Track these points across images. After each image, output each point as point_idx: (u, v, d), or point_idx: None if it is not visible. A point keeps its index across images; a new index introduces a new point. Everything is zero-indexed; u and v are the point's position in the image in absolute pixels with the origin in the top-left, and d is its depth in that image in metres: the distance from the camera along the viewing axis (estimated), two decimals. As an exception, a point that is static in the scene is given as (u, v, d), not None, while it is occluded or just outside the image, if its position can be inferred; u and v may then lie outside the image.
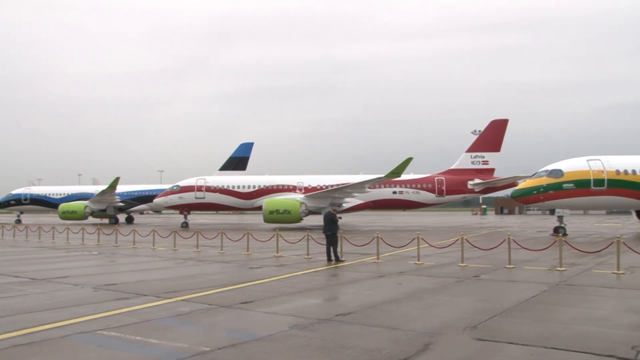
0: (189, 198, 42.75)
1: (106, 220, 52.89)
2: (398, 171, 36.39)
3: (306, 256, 18.11)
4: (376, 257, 17.15)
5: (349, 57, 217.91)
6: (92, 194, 51.82)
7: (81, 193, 54.85)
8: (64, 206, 50.98)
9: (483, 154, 43.48)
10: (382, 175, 37.58)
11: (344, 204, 40.87)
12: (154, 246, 22.85)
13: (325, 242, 17.37)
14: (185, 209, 43.71)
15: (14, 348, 6.73)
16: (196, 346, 6.73)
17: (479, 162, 43.47)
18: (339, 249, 17.42)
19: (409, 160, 35.71)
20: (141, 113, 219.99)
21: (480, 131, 46.15)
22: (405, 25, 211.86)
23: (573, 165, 27.40)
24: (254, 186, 43.06)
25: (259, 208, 41.40)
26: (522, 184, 29.49)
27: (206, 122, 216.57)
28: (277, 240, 19.56)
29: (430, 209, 58.46)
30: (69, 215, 50.23)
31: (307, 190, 41.81)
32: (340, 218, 30.90)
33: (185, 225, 42.32)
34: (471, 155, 43.68)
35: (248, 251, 19.88)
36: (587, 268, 14.79)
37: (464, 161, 43.74)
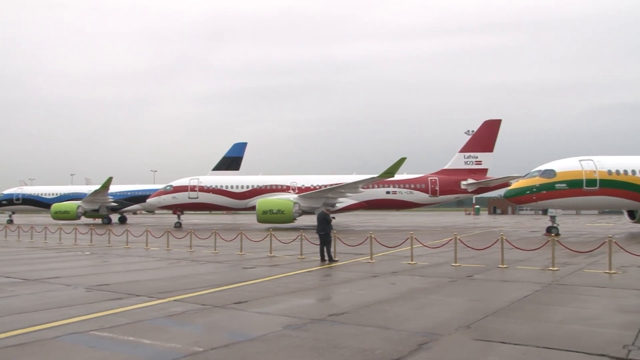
0: (182, 198, 42.63)
1: (99, 221, 52.59)
2: (391, 171, 36.48)
3: (299, 256, 18.10)
4: (369, 257, 17.16)
5: (343, 57, 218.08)
6: (85, 194, 51.58)
7: (74, 193, 54.57)
8: (56, 206, 50.72)
9: (476, 154, 43.62)
10: (376, 175, 37.64)
11: (337, 204, 40.90)
12: (147, 246, 22.78)
13: (318, 242, 17.38)
14: (179, 209, 43.58)
15: (5, 349, 6.69)
16: (189, 346, 6.71)
17: (472, 162, 43.62)
18: (332, 249, 17.43)
19: (402, 161, 35.82)
20: (134, 112, 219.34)
21: (473, 131, 46.26)
22: (401, 26, 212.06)
23: (565, 166, 27.54)
24: (247, 186, 43.01)
25: (253, 208, 41.35)
26: (515, 184, 29.59)
27: (199, 122, 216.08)
28: (271, 240, 19.54)
29: (423, 209, 58.68)
30: (61, 216, 49.99)
31: (300, 190, 41.80)
32: (334, 218, 31.00)
33: (178, 226, 42.24)
34: (464, 156, 43.82)
35: (241, 251, 19.85)
36: (579, 268, 14.87)
37: (457, 161, 43.88)
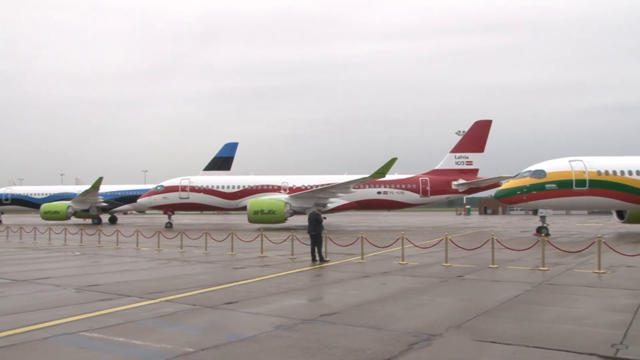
0: (173, 198, 42.48)
1: (89, 221, 52.36)
2: (382, 171, 36.54)
3: (291, 256, 18.09)
4: (361, 257, 17.18)
5: (333, 57, 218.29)
6: (75, 194, 51.25)
7: (64, 193, 54.18)
8: (46, 206, 50.35)
9: (467, 154, 43.79)
10: (367, 176, 37.68)
11: (328, 204, 40.90)
12: (137, 246, 22.67)
13: (309, 242, 17.38)
14: (170, 209, 43.41)
15: (-6, 350, 6.64)
16: (180, 347, 6.69)
17: (463, 163, 43.78)
18: (323, 249, 17.43)
19: (393, 161, 35.89)
20: (125, 112, 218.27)
21: (464, 132, 46.44)
22: (391, 26, 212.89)
23: (555, 166, 27.72)
24: (238, 186, 42.92)
25: (244, 208, 41.27)
26: (506, 185, 29.74)
27: (190, 122, 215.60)
28: (262, 241, 19.51)
29: (414, 209, 58.79)
30: (51, 216, 49.65)
31: (291, 190, 41.78)
32: (325, 218, 30.96)
33: (169, 226, 42.03)
34: (455, 156, 43.98)
35: (232, 251, 19.81)
36: (569, 267, 14.97)
37: (448, 161, 44.03)
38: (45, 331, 7.62)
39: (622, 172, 27.86)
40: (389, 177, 40.11)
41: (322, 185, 40.46)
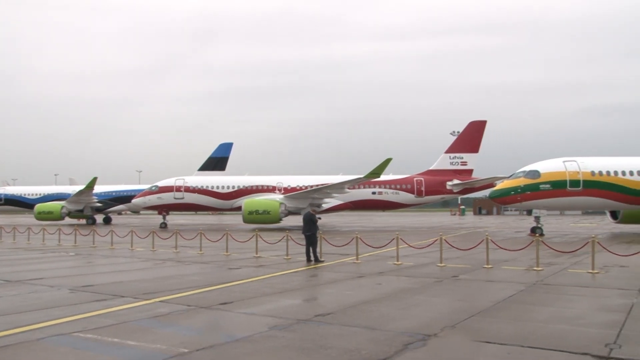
0: (167, 198, 42.40)
1: (83, 221, 52.16)
2: (377, 172, 36.58)
3: (285, 257, 18.08)
4: (355, 257, 17.19)
5: (329, 58, 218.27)
6: (69, 194, 51.08)
7: (58, 193, 54.00)
8: (40, 206, 50.14)
9: (462, 154, 43.88)
10: (362, 176, 37.71)
11: (323, 205, 40.92)
12: (132, 247, 22.61)
13: (304, 242, 17.37)
14: (164, 209, 43.37)
15: (-13, 351, 6.61)
16: (175, 347, 6.68)
17: (457, 163, 43.87)
18: (318, 249, 17.43)
19: (388, 161, 35.93)
20: (120, 112, 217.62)
21: (459, 132, 46.55)
22: (388, 27, 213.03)
23: (550, 167, 27.83)
24: (233, 186, 42.89)
25: (239, 208, 41.19)
26: (500, 185, 29.80)
27: (185, 122, 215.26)
28: (257, 241, 19.49)
29: (409, 210, 58.86)
30: (45, 216, 49.42)
31: (286, 190, 41.78)
32: (320, 218, 31.00)
33: (164, 226, 41.99)
34: (450, 156, 44.06)
35: (227, 252, 19.78)
36: (563, 268, 15.02)
37: (442, 162, 44.11)
38: (40, 332, 7.59)
39: (616, 172, 28.01)
40: (383, 177, 40.13)
41: (317, 185, 40.46)
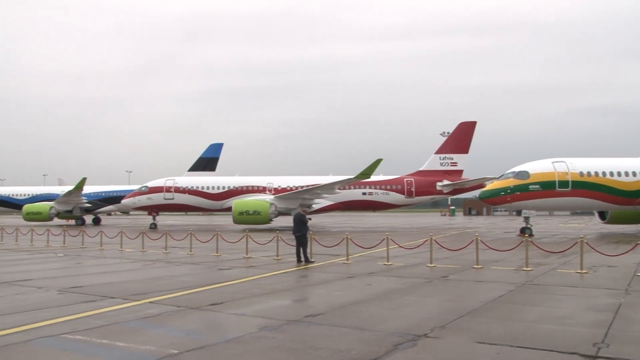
0: (157, 199, 42.23)
1: (72, 222, 51.83)
2: (368, 172, 36.63)
3: (276, 257, 18.07)
4: (346, 258, 17.21)
5: (318, 58, 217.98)
6: (58, 194, 50.69)
7: (46, 194, 53.60)
8: (28, 207, 49.71)
9: (452, 155, 44.06)
10: (352, 177, 37.75)
11: (313, 205, 40.95)
12: (121, 248, 22.49)
13: (294, 243, 17.37)
14: (154, 210, 43.21)
15: (-26, 353, 6.55)
16: (164, 349, 6.65)
17: (447, 164, 44.04)
18: (308, 250, 17.44)
19: (378, 162, 36.01)
20: (109, 112, 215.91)
21: (449, 133, 46.73)
22: (375, 27, 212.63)
23: (539, 167, 28.03)
24: (223, 187, 42.81)
25: (229, 209, 41.11)
26: (490, 186, 29.99)
27: (175, 122, 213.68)
28: (247, 242, 19.46)
29: (399, 210, 59.08)
30: (33, 217, 48.98)
31: (277, 191, 41.75)
32: (310, 219, 30.94)
33: (153, 227, 41.82)
34: (440, 157, 44.22)
35: (217, 252, 19.73)
36: (552, 268, 15.13)
37: (432, 162, 44.26)
38: (27, 334, 7.53)
39: (604, 173, 28.26)
40: (374, 178, 40.20)
41: (308, 186, 40.45)
